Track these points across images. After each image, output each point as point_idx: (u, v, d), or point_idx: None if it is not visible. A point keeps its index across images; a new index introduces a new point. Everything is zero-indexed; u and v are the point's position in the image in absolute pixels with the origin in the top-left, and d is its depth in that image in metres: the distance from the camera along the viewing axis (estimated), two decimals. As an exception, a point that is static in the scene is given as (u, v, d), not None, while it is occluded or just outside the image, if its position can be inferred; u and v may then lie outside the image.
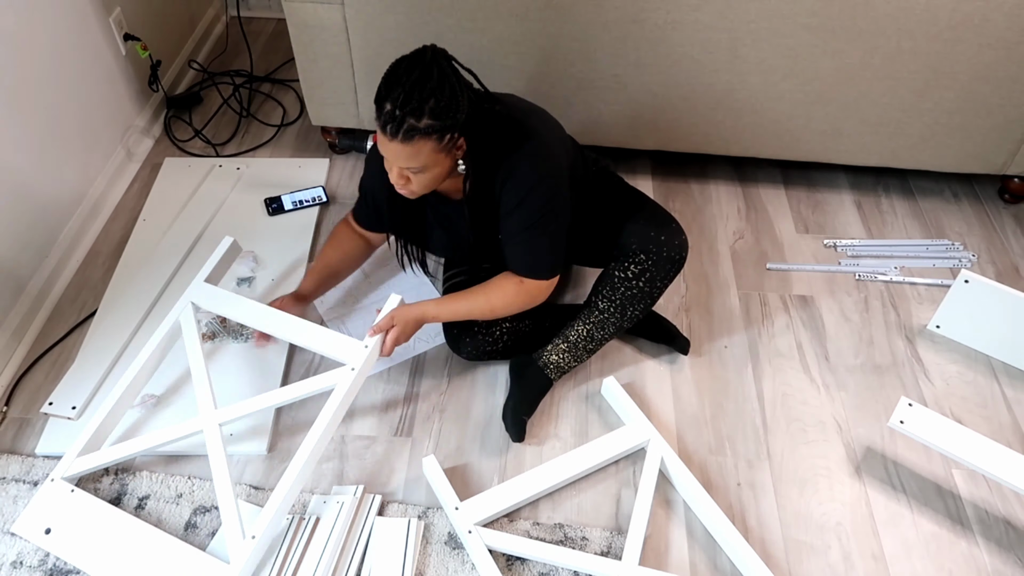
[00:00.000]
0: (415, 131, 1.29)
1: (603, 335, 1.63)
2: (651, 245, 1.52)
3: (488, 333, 1.64)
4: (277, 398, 1.48)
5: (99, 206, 2.05)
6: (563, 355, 1.63)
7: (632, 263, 1.54)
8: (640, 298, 1.58)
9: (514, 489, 1.47)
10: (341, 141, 2.05)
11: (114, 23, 2.12)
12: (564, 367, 1.65)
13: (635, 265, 1.54)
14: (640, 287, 1.56)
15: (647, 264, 1.53)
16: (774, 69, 1.88)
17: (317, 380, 1.48)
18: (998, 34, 1.76)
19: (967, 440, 1.43)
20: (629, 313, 1.60)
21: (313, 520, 1.42)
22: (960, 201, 2.17)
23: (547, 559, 1.39)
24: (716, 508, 1.44)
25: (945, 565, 1.42)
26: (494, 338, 1.65)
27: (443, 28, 1.87)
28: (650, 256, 1.53)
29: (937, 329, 1.81)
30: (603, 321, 1.61)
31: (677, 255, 1.54)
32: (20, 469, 1.53)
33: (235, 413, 1.48)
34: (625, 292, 1.57)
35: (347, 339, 1.52)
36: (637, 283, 1.56)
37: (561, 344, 1.63)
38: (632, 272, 1.55)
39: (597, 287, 1.60)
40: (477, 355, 1.66)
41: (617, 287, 1.57)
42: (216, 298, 1.64)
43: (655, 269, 1.54)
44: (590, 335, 1.62)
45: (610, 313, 1.60)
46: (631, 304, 1.58)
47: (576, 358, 1.65)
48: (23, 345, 1.75)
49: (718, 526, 1.42)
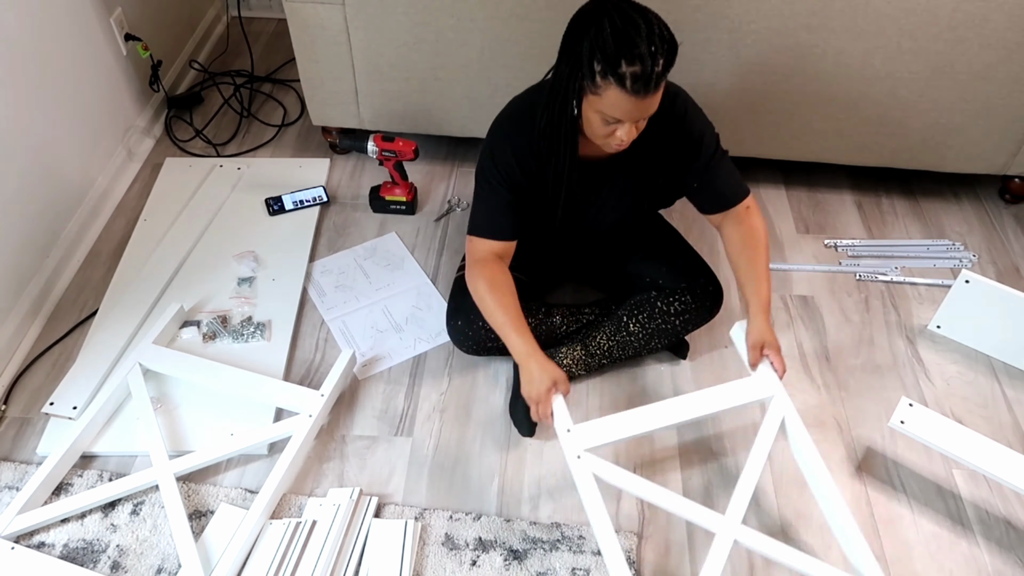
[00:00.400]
0: (662, 77, 1.22)
1: (622, 355, 1.65)
2: (699, 290, 1.59)
3: (491, 328, 1.60)
4: (235, 445, 1.52)
5: (100, 206, 2.06)
6: (578, 361, 1.64)
7: (677, 301, 1.60)
8: (670, 333, 1.63)
9: (625, 422, 1.39)
10: (342, 141, 2.06)
11: (115, 23, 2.12)
12: (574, 372, 1.64)
13: (679, 304, 1.60)
14: (675, 325, 1.61)
15: (691, 306, 1.60)
16: (774, 69, 1.88)
17: (276, 427, 1.55)
18: (999, 34, 1.76)
19: (967, 440, 1.43)
20: (654, 344, 1.65)
21: (309, 524, 1.43)
22: (961, 201, 2.17)
23: (649, 497, 1.31)
24: (830, 480, 1.34)
25: (945, 565, 1.42)
26: (495, 336, 1.63)
27: (443, 28, 1.87)
28: (696, 300, 1.60)
29: (938, 329, 1.81)
30: (627, 343, 1.63)
31: (716, 309, 1.63)
32: (13, 476, 1.52)
33: (190, 463, 1.50)
34: (661, 324, 1.61)
35: (303, 389, 1.60)
36: (675, 321, 1.61)
37: (579, 350, 1.63)
38: (675, 309, 1.60)
39: (632, 310, 1.62)
40: (478, 349, 1.65)
41: (655, 317, 1.60)
42: (163, 358, 1.67)
43: (694, 313, 1.61)
44: (609, 352, 1.64)
45: (637, 338, 1.62)
46: (659, 336, 1.63)
47: (587, 368, 1.66)
48: (23, 345, 1.75)
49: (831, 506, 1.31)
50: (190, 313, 1.81)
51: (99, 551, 1.41)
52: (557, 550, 1.41)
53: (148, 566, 1.39)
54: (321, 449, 1.58)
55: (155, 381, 1.67)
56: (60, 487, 1.50)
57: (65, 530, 1.44)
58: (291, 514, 1.47)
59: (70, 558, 1.40)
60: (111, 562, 1.40)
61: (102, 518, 1.46)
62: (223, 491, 1.50)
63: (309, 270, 1.93)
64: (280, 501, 1.48)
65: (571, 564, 1.39)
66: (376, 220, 2.08)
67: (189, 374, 1.64)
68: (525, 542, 1.43)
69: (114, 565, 1.39)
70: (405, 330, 1.80)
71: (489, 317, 1.46)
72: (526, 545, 1.42)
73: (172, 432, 1.59)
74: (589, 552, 1.41)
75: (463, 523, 1.45)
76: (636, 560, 1.40)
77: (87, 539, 1.43)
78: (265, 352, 1.74)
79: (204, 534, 1.43)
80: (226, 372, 1.64)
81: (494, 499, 1.51)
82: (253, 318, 1.80)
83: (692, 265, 1.65)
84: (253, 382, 1.62)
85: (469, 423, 1.63)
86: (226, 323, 1.79)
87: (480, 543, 1.43)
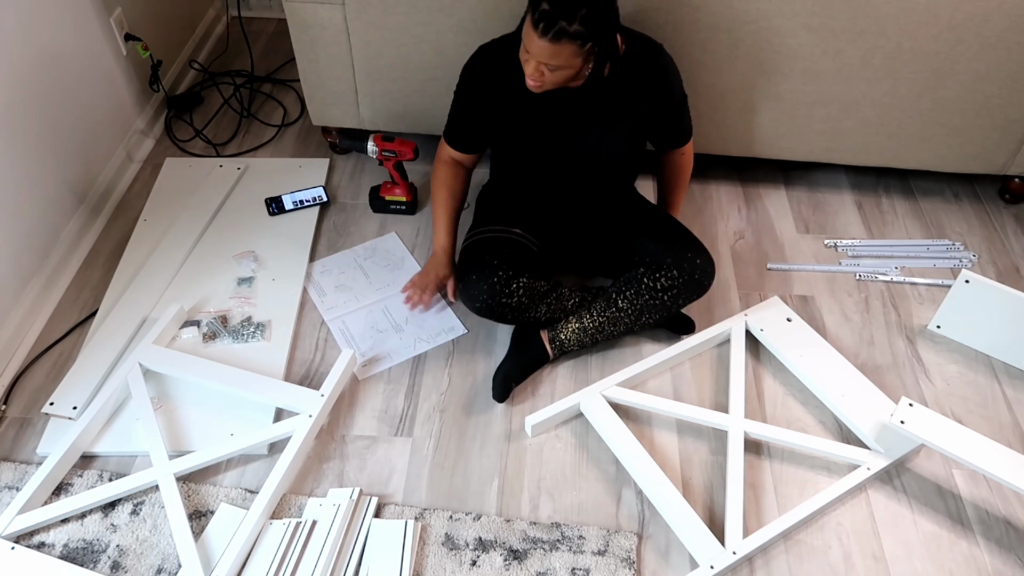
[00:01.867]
0: (564, 33, 1.37)
1: (613, 331, 1.70)
2: (685, 264, 1.62)
3: (505, 284, 1.61)
4: (235, 445, 1.53)
5: (100, 206, 2.06)
6: (572, 335, 1.68)
7: (663, 276, 1.63)
8: (658, 309, 1.66)
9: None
10: (342, 141, 2.06)
11: (115, 23, 2.12)
12: (567, 346, 1.70)
13: (665, 279, 1.63)
14: (663, 301, 1.64)
15: (678, 282, 1.63)
16: (774, 69, 1.88)
17: (276, 427, 1.55)
18: (999, 34, 1.76)
19: (967, 440, 1.43)
20: (644, 319, 1.69)
21: (309, 524, 1.43)
22: (961, 201, 2.17)
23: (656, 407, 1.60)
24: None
25: (945, 565, 1.42)
26: (510, 290, 1.62)
27: (443, 28, 1.87)
28: (683, 275, 1.63)
29: (938, 329, 1.81)
30: (617, 319, 1.68)
31: (706, 282, 1.65)
32: (13, 476, 1.53)
33: (190, 463, 1.50)
34: (648, 300, 1.64)
35: (303, 389, 1.61)
36: (662, 296, 1.64)
37: (574, 324, 1.68)
38: (661, 285, 1.63)
39: (621, 286, 1.67)
40: (490, 305, 1.62)
41: (642, 293, 1.64)
42: (163, 358, 1.67)
43: (682, 288, 1.64)
44: (601, 327, 1.68)
45: (626, 314, 1.66)
46: (648, 312, 1.67)
47: (581, 343, 1.70)
48: (23, 345, 1.75)
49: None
50: (190, 313, 1.81)
51: (99, 551, 1.41)
52: (557, 550, 1.41)
53: (148, 566, 1.39)
54: (321, 449, 1.58)
55: (155, 381, 1.67)
56: (60, 487, 1.50)
57: (65, 530, 1.44)
58: (291, 514, 1.47)
59: (70, 558, 1.40)
60: (111, 562, 1.40)
61: (102, 518, 1.46)
62: (223, 491, 1.50)
63: (309, 270, 1.93)
64: (280, 501, 1.49)
65: (571, 564, 1.39)
66: (376, 220, 2.08)
67: (189, 374, 1.64)
68: (525, 542, 1.43)
69: (114, 565, 1.39)
70: (405, 330, 1.80)
71: (434, 206, 1.78)
72: (526, 545, 1.42)
73: (172, 432, 1.59)
74: (589, 552, 1.41)
75: (463, 523, 1.45)
76: (636, 560, 1.40)
77: (87, 539, 1.43)
78: (265, 352, 1.74)
79: (204, 534, 1.43)
80: (226, 372, 1.64)
81: (494, 499, 1.51)
82: (253, 318, 1.80)
83: (680, 241, 1.66)
84: (253, 382, 1.62)
85: (469, 423, 1.63)
86: (226, 323, 1.79)
87: (480, 543, 1.43)
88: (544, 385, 1.70)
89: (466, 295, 1.64)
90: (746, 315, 1.77)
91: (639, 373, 1.67)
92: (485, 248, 1.67)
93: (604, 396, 1.61)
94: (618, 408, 1.61)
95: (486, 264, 1.63)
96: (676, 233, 1.69)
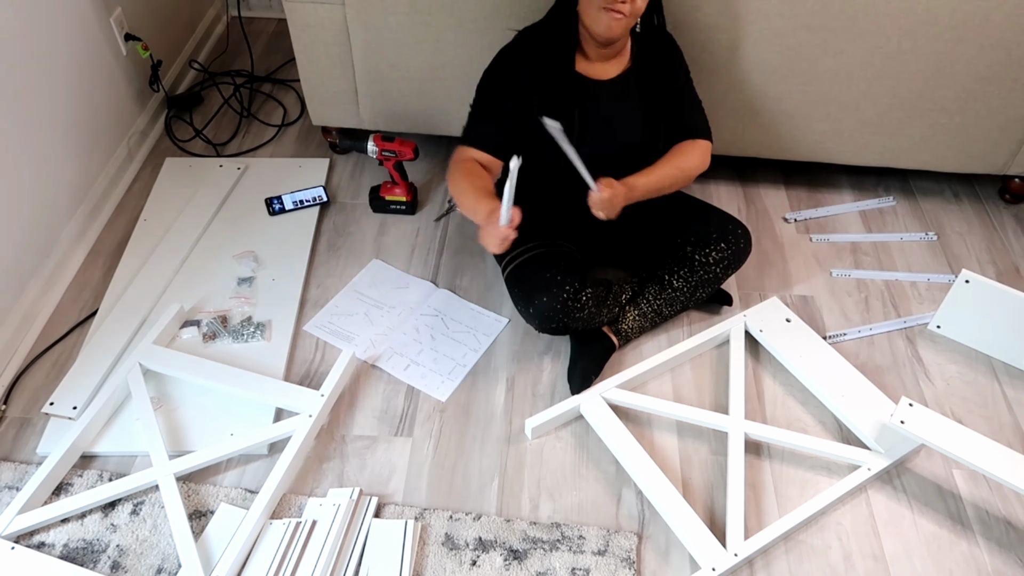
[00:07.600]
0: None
1: (671, 311, 1.76)
2: (730, 236, 1.70)
3: (575, 298, 1.59)
4: (235, 445, 1.53)
5: (100, 206, 2.06)
6: (633, 323, 1.73)
7: (713, 250, 1.69)
8: (712, 282, 1.73)
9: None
10: (342, 141, 2.06)
11: (115, 23, 2.12)
12: (630, 335, 1.74)
13: (716, 252, 1.69)
14: (716, 273, 1.71)
15: (727, 252, 1.70)
16: (774, 69, 1.88)
17: (276, 427, 1.55)
18: (999, 34, 1.76)
19: (967, 440, 1.43)
20: (698, 294, 1.75)
21: (309, 524, 1.43)
22: (961, 201, 2.17)
23: (656, 408, 1.61)
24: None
25: (945, 565, 1.42)
26: (580, 303, 1.60)
27: (443, 28, 1.87)
28: (730, 245, 1.70)
29: (938, 329, 1.81)
30: (673, 299, 1.74)
31: (749, 249, 1.73)
32: (13, 476, 1.52)
33: (190, 463, 1.50)
34: (703, 275, 1.71)
35: (302, 389, 1.61)
36: (714, 269, 1.71)
37: (633, 313, 1.73)
38: (712, 259, 1.69)
39: (671, 266, 1.72)
40: (565, 324, 1.61)
41: (696, 270, 1.70)
42: (163, 358, 1.67)
43: (731, 259, 1.71)
44: (659, 310, 1.74)
45: (682, 292, 1.73)
46: (703, 287, 1.73)
47: (642, 329, 1.75)
48: (24, 345, 1.75)
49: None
50: (190, 313, 1.81)
51: (99, 551, 1.41)
52: (557, 550, 1.41)
53: (148, 566, 1.39)
54: (321, 449, 1.58)
55: (155, 381, 1.67)
56: (60, 487, 1.50)
57: (65, 530, 1.44)
58: (291, 514, 1.47)
59: (70, 558, 1.40)
60: (111, 562, 1.40)
61: (102, 518, 1.46)
62: (223, 491, 1.50)
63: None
64: (280, 501, 1.49)
65: (571, 564, 1.40)
66: (376, 220, 2.08)
67: (189, 374, 1.64)
68: (525, 542, 1.43)
69: (114, 565, 1.39)
70: (409, 332, 1.80)
71: (461, 197, 1.56)
72: (526, 545, 1.42)
73: (172, 432, 1.59)
74: (589, 552, 1.41)
75: (463, 523, 1.45)
76: (636, 560, 1.40)
77: (87, 539, 1.43)
78: (265, 352, 1.74)
79: (204, 534, 1.43)
80: (226, 372, 1.64)
81: (494, 499, 1.51)
82: (253, 318, 1.80)
83: (714, 214, 1.74)
84: (253, 382, 1.62)
85: (469, 423, 1.63)
86: (226, 323, 1.79)
87: (480, 543, 1.43)
88: (544, 387, 1.70)
89: (538, 317, 1.60)
90: (745, 316, 1.77)
91: (639, 375, 1.67)
92: (540, 266, 1.63)
93: (604, 398, 1.61)
94: (618, 410, 1.61)
95: (550, 282, 1.59)
96: (707, 208, 1.76)
